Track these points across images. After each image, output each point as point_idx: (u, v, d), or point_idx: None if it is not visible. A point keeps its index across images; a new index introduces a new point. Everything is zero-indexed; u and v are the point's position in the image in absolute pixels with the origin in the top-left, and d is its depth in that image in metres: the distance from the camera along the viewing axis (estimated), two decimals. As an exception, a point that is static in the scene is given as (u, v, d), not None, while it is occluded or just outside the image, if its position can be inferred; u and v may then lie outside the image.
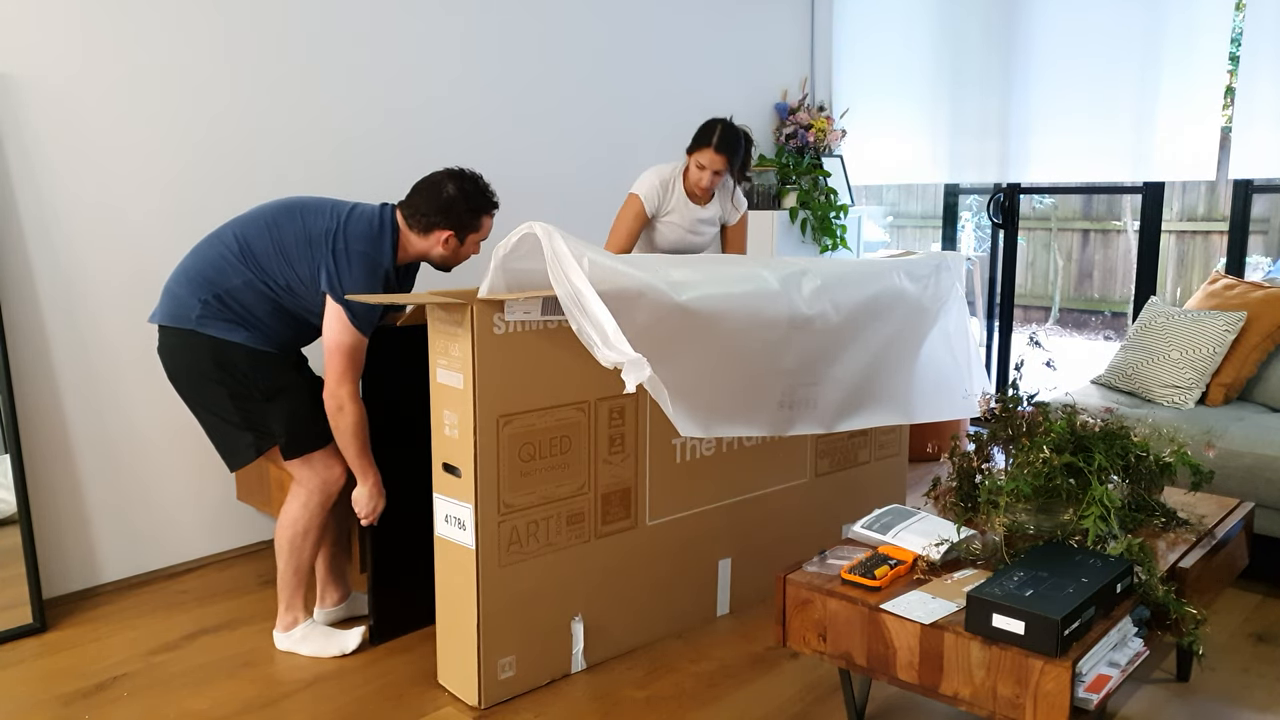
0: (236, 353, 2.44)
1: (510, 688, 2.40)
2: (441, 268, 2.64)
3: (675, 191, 3.32)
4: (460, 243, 2.56)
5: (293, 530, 2.56)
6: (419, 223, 2.51)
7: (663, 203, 3.31)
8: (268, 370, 2.48)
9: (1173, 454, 2.31)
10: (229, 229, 2.50)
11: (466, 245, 2.59)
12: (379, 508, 2.54)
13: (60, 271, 2.91)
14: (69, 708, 2.39)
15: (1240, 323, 3.44)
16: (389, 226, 2.50)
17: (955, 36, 4.68)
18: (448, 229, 2.52)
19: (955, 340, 3.19)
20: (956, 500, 2.35)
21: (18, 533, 2.78)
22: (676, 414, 2.32)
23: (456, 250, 2.58)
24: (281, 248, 2.44)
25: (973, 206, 7.34)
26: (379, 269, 2.46)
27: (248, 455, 2.51)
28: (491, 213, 2.60)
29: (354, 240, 2.44)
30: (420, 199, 2.52)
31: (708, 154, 3.20)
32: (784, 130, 4.97)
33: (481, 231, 2.59)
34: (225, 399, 2.46)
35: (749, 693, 2.46)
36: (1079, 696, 1.73)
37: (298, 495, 2.56)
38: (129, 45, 2.97)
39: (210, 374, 2.44)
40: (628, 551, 2.60)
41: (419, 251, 2.56)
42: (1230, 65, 3.93)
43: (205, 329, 2.43)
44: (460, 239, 2.55)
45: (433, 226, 2.51)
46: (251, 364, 2.46)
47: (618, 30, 4.29)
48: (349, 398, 2.43)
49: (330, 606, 2.80)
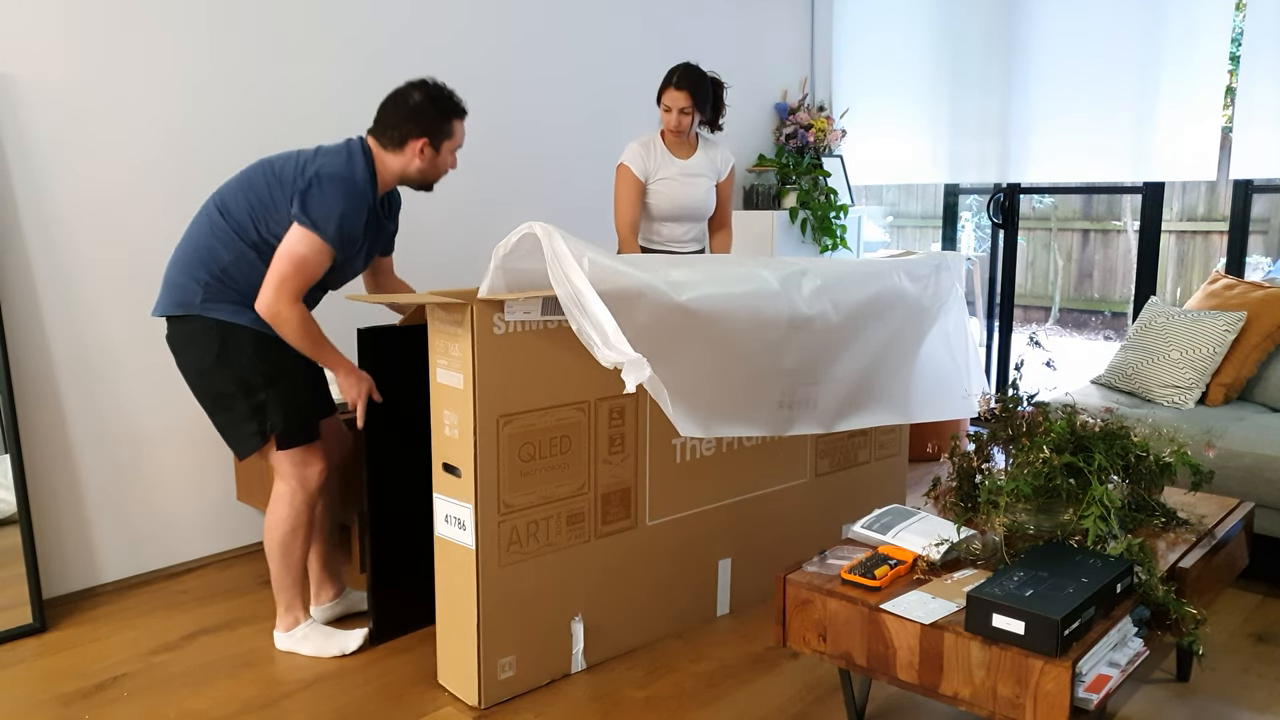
0: (242, 336, 2.42)
1: (510, 688, 2.40)
2: (423, 186, 2.57)
3: (658, 150, 3.37)
4: (436, 151, 2.49)
5: (281, 530, 2.55)
6: (391, 137, 2.46)
7: (649, 164, 3.34)
8: (270, 355, 2.45)
9: (1173, 454, 2.31)
10: (210, 201, 2.48)
11: (443, 154, 2.51)
12: (365, 390, 2.48)
13: (60, 271, 2.91)
14: (69, 708, 2.39)
15: (1240, 323, 3.44)
16: (359, 151, 2.45)
17: (955, 36, 4.68)
18: (421, 136, 2.45)
19: (955, 340, 3.19)
20: (956, 500, 2.36)
21: (18, 533, 2.78)
22: (676, 414, 2.32)
23: (433, 161, 2.50)
24: (258, 202, 2.41)
25: (973, 206, 7.34)
26: (356, 191, 2.39)
27: (254, 443, 2.48)
28: (462, 117, 2.54)
29: (325, 167, 2.39)
30: (388, 113, 2.47)
31: (670, 93, 3.27)
32: (784, 130, 4.97)
33: (455, 138, 2.53)
34: (232, 385, 2.44)
35: (749, 693, 2.46)
36: (1079, 696, 1.73)
37: (281, 495, 2.55)
38: (129, 45, 2.97)
39: (218, 360, 2.42)
40: (628, 551, 2.60)
41: (397, 171, 2.49)
42: (1230, 65, 3.93)
43: (210, 312, 2.42)
44: (435, 146, 2.48)
45: (406, 137, 2.45)
46: (255, 348, 2.43)
47: (617, 30, 4.29)
48: (287, 305, 2.34)
49: (326, 602, 2.80)
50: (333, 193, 2.35)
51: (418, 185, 2.57)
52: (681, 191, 3.39)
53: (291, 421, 2.49)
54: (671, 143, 3.38)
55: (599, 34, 4.23)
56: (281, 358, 2.46)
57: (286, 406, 2.48)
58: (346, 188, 2.38)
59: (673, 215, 3.41)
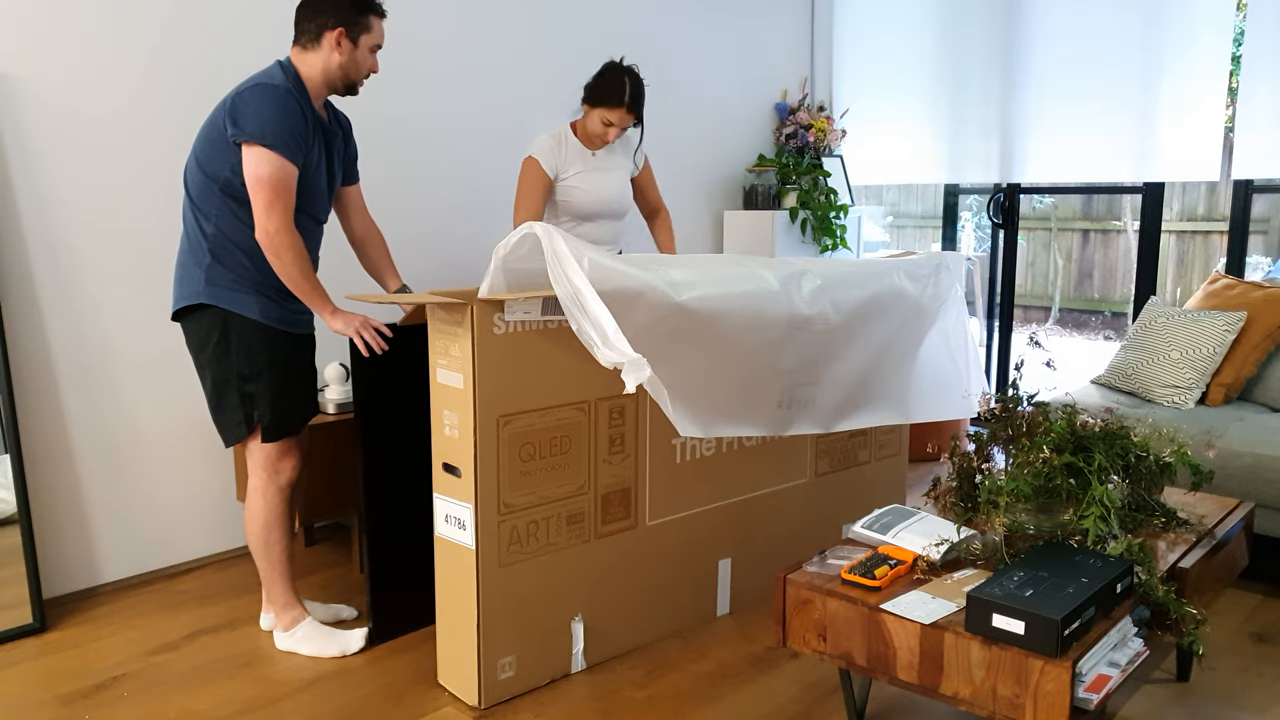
0: (243, 325, 2.44)
1: (510, 688, 2.40)
2: (349, 90, 2.54)
3: (569, 145, 3.15)
4: (354, 44, 2.46)
5: (256, 525, 2.58)
6: (308, 32, 2.44)
7: (560, 160, 3.12)
8: (266, 347, 2.47)
9: (1173, 454, 2.31)
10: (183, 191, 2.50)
11: (361, 50, 2.48)
12: (360, 321, 2.43)
13: (60, 271, 2.91)
14: (69, 708, 2.39)
15: (1240, 323, 3.44)
16: (276, 66, 2.45)
17: (955, 36, 4.67)
18: (337, 26, 2.42)
19: (954, 340, 3.19)
20: (956, 500, 2.36)
21: (18, 533, 2.78)
22: (676, 414, 2.32)
23: (353, 55, 2.47)
24: (204, 151, 2.42)
25: (973, 206, 7.34)
26: (278, 93, 2.36)
27: (239, 433, 2.52)
28: (381, 15, 2.52)
29: (242, 84, 2.39)
30: (304, 13, 2.46)
31: (618, 113, 3.05)
32: (784, 130, 4.97)
33: (374, 34, 2.50)
34: (227, 372, 2.47)
35: (749, 693, 2.46)
36: (1079, 696, 1.73)
37: (254, 489, 2.57)
38: (129, 45, 2.97)
39: (217, 348, 2.46)
40: (628, 551, 2.60)
41: (319, 69, 2.45)
42: (1231, 65, 3.93)
43: (214, 298, 2.43)
44: (352, 39, 2.45)
45: (321, 29, 2.43)
46: (253, 338, 2.45)
47: (617, 30, 4.29)
48: (280, 228, 2.35)
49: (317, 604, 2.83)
50: (255, 99, 2.34)
51: (344, 89, 2.53)
52: (598, 184, 3.16)
53: (279, 414, 2.52)
54: (584, 139, 3.16)
55: (599, 34, 4.23)
56: (276, 350, 2.49)
57: (275, 399, 2.50)
58: (265, 91, 2.35)
59: (591, 212, 3.18)
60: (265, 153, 2.32)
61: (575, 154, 3.16)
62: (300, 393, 2.59)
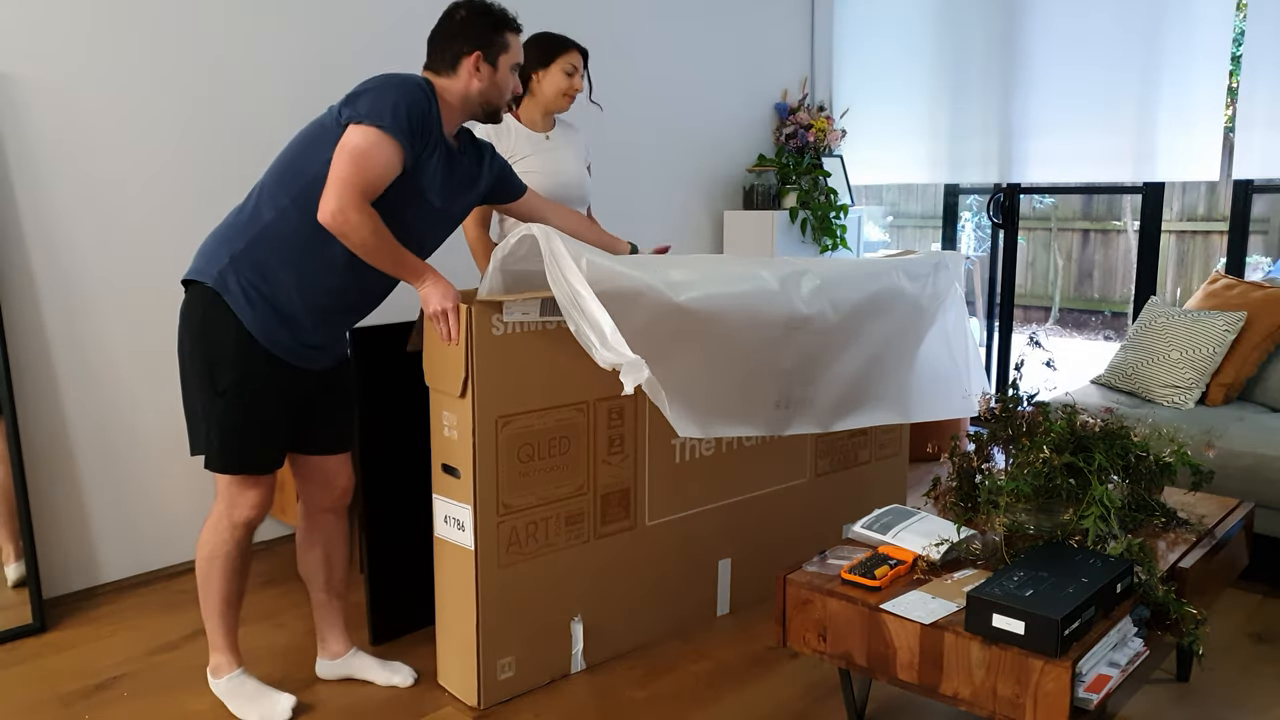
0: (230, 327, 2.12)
1: (510, 688, 2.40)
2: (493, 116, 2.32)
3: (513, 129, 2.88)
4: (493, 66, 2.24)
5: (201, 555, 2.27)
6: (444, 60, 2.23)
7: (505, 146, 2.83)
8: (242, 365, 2.13)
9: (1173, 454, 2.31)
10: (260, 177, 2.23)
11: (502, 71, 2.26)
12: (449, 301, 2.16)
13: (60, 271, 2.91)
14: (69, 708, 2.39)
15: (1240, 323, 3.44)
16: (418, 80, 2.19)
17: (955, 36, 4.67)
18: (473, 51, 2.21)
19: (954, 340, 3.18)
20: (956, 500, 2.35)
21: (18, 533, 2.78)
22: (674, 414, 2.32)
23: (493, 79, 2.25)
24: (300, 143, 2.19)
25: (973, 206, 7.33)
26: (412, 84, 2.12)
27: (196, 446, 2.21)
28: (516, 31, 2.29)
29: (372, 79, 2.14)
30: (436, 42, 2.26)
31: (574, 55, 2.90)
32: (784, 130, 4.97)
33: (511, 52, 2.27)
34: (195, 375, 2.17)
35: (749, 693, 2.46)
36: (1079, 696, 1.73)
37: (210, 515, 2.27)
38: (129, 44, 2.97)
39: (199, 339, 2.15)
40: (627, 552, 2.59)
41: (459, 96, 2.23)
42: (1231, 66, 3.93)
43: (222, 292, 2.12)
44: (491, 61, 2.23)
45: (458, 56, 2.22)
46: (235, 347, 2.12)
47: (617, 30, 4.29)
48: (353, 208, 2.03)
49: (327, 659, 2.51)
50: (381, 84, 2.11)
51: (485, 115, 2.32)
52: (553, 163, 2.91)
53: (228, 445, 2.17)
54: (528, 120, 2.93)
55: (598, 33, 4.23)
56: (254, 371, 2.15)
57: (226, 427, 2.15)
58: (396, 79, 2.13)
59: (552, 197, 2.78)
60: (371, 130, 2.05)
61: (521, 138, 2.90)
62: (269, 433, 2.21)
